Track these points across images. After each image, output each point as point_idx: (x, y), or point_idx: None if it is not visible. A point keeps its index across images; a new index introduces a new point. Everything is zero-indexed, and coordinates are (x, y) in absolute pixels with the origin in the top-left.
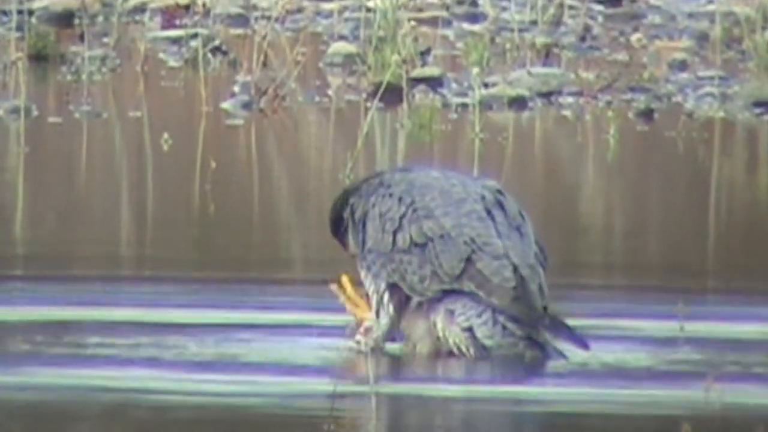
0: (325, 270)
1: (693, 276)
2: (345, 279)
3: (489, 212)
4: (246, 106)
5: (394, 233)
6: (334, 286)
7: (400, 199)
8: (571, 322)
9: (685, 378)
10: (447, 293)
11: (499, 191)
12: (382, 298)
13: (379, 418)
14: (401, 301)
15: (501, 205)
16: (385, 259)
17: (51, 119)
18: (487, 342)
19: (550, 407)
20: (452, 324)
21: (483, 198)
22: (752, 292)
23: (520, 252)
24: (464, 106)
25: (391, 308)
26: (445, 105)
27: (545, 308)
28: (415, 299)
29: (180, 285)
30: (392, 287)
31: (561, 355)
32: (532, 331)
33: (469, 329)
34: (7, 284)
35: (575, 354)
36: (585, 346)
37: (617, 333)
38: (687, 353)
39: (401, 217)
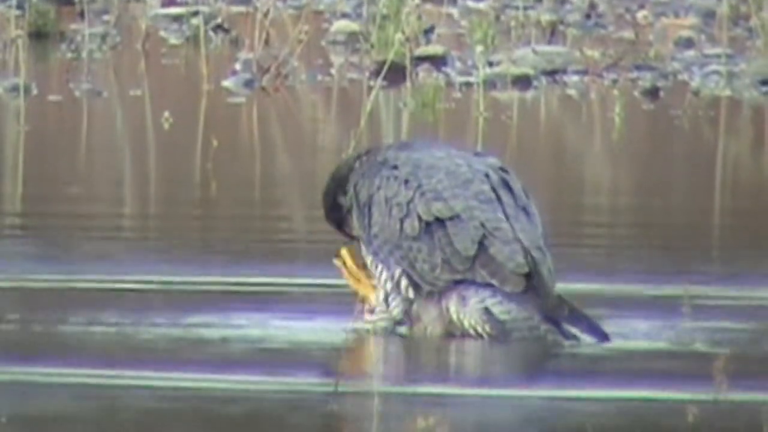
0: (328, 249)
1: (698, 254)
2: (344, 251)
3: (496, 193)
4: (248, 84)
5: (401, 220)
6: (336, 261)
7: (406, 182)
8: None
9: (693, 376)
10: (456, 283)
11: (503, 168)
12: (398, 282)
13: (382, 418)
14: (415, 285)
15: (507, 185)
16: (393, 245)
17: (51, 97)
18: (503, 317)
19: (555, 408)
20: (466, 306)
21: (488, 176)
22: (757, 270)
23: (529, 234)
24: (468, 84)
25: (411, 291)
26: (449, 84)
27: (560, 297)
28: (426, 288)
29: (181, 264)
30: (405, 271)
31: (574, 337)
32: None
33: (485, 309)
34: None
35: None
36: (605, 337)
37: (620, 319)
38: (693, 340)
39: (408, 202)
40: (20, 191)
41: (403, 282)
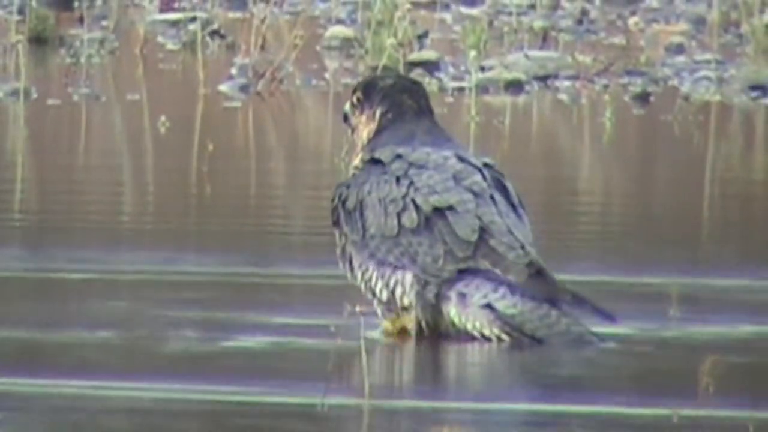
0: (322, 253)
1: (687, 260)
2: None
3: (489, 187)
4: (243, 88)
5: (399, 215)
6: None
7: (397, 180)
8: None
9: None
10: (457, 277)
11: (498, 170)
12: (393, 290)
13: None
14: (420, 284)
15: (501, 184)
16: (392, 243)
17: (50, 101)
18: (510, 311)
19: (533, 423)
20: (467, 306)
21: (482, 171)
22: (746, 275)
23: (520, 230)
24: (461, 89)
25: (405, 300)
26: (442, 89)
27: (562, 284)
28: (427, 293)
29: (177, 267)
30: (403, 275)
31: (595, 335)
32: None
33: (488, 305)
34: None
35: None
36: (612, 319)
37: (604, 329)
38: (677, 346)
39: (404, 196)
40: (19, 192)
41: (398, 290)
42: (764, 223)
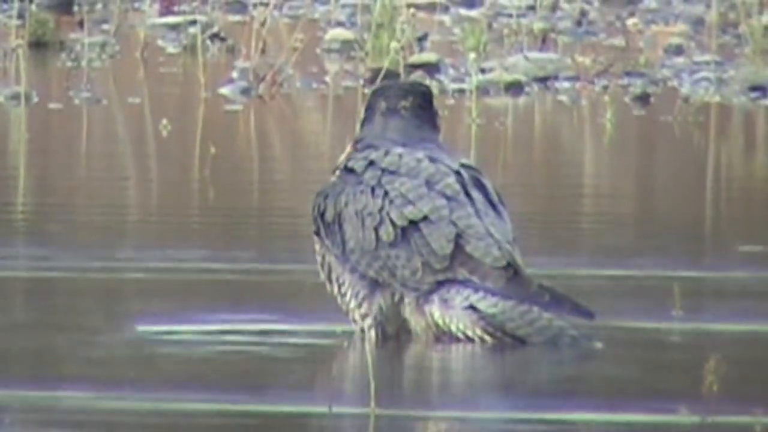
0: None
1: (689, 261)
2: None
3: (465, 188)
4: (244, 91)
5: (376, 229)
6: None
7: (372, 191)
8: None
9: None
10: (439, 284)
11: (475, 168)
12: (363, 298)
13: None
14: (391, 297)
15: (479, 182)
16: (371, 257)
17: (51, 105)
18: (491, 310)
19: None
20: (450, 308)
21: (458, 173)
22: (748, 274)
23: (499, 228)
24: (461, 91)
25: (378, 304)
26: (442, 91)
27: (539, 283)
28: (408, 298)
29: (178, 267)
30: (375, 285)
31: (565, 320)
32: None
33: (471, 306)
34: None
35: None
36: (590, 315)
37: (607, 331)
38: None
39: (380, 210)
40: (21, 194)
41: (373, 298)
42: (765, 222)
